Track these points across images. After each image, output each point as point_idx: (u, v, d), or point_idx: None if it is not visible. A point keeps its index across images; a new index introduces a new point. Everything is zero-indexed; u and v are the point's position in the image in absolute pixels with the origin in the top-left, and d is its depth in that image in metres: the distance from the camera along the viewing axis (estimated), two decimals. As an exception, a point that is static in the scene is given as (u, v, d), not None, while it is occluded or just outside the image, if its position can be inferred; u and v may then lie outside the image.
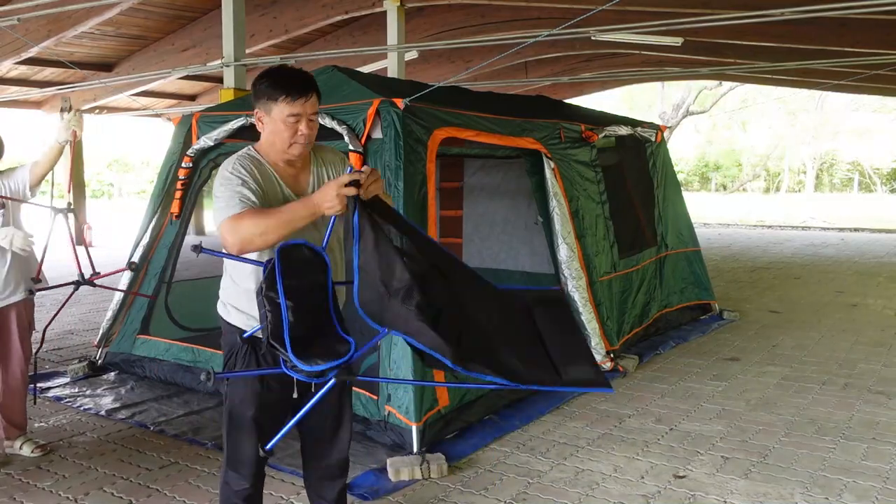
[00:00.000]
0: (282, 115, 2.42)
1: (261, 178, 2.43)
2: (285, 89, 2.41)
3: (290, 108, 2.41)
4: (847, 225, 20.87)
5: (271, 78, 2.45)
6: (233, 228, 2.30)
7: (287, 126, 2.43)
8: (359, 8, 9.74)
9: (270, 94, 2.42)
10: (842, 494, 3.50)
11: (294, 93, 2.41)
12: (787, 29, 9.12)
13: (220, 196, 2.39)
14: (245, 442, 2.53)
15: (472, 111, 4.89)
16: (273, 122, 2.44)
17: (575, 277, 5.40)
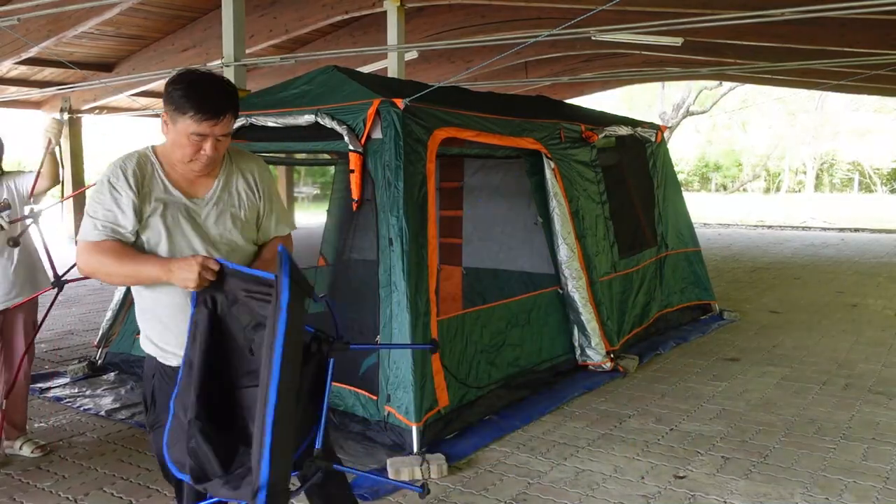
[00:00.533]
0: (186, 130, 2.17)
1: (143, 184, 2.24)
2: (195, 107, 2.14)
3: (196, 127, 2.16)
4: (847, 225, 20.86)
5: (184, 88, 2.17)
6: (84, 253, 2.20)
7: (190, 143, 2.19)
8: (359, 8, 9.73)
9: (179, 105, 2.16)
10: (842, 495, 3.50)
11: (204, 112, 2.15)
12: (787, 29, 9.11)
13: (89, 207, 2.22)
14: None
15: (472, 111, 4.89)
16: (176, 133, 2.20)
17: (575, 277, 5.40)
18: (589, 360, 5.48)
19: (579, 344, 5.49)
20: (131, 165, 2.25)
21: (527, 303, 5.18)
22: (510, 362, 4.83)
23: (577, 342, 5.49)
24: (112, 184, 2.22)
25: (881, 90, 14.62)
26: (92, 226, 2.19)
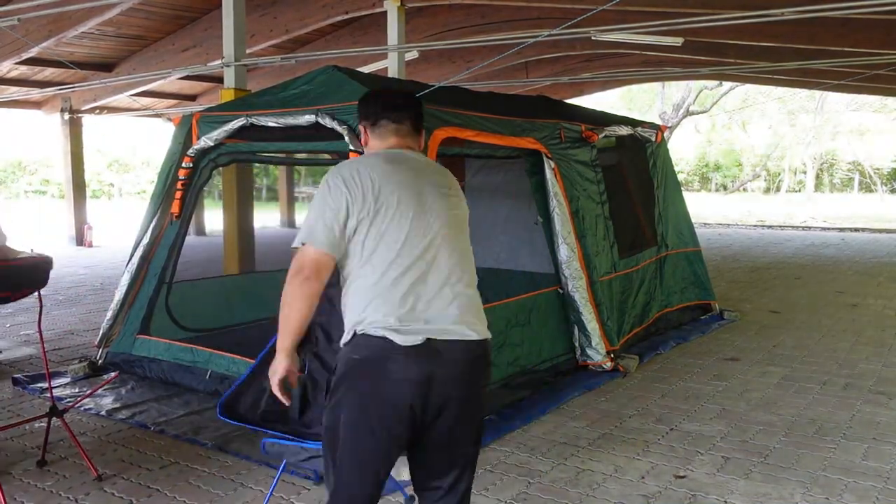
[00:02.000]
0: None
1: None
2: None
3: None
4: (847, 225, 20.88)
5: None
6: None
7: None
8: (359, 8, 9.74)
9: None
10: (842, 495, 3.50)
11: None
12: (787, 29, 9.12)
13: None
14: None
15: (473, 111, 4.89)
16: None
17: (575, 277, 5.40)
18: (589, 359, 5.48)
19: (579, 344, 5.49)
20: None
21: (527, 303, 5.18)
22: (510, 362, 4.83)
23: (577, 342, 5.50)
24: None
25: (881, 90, 14.63)
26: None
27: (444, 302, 2.20)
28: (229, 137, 4.95)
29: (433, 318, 2.17)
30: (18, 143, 33.56)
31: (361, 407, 2.15)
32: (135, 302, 5.42)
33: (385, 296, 2.14)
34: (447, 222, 2.28)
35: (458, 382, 2.19)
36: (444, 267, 2.23)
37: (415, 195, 2.24)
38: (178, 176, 5.25)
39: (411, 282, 2.16)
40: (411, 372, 2.11)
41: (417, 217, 2.21)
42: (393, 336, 2.10)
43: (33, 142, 32.75)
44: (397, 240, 2.17)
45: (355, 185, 2.18)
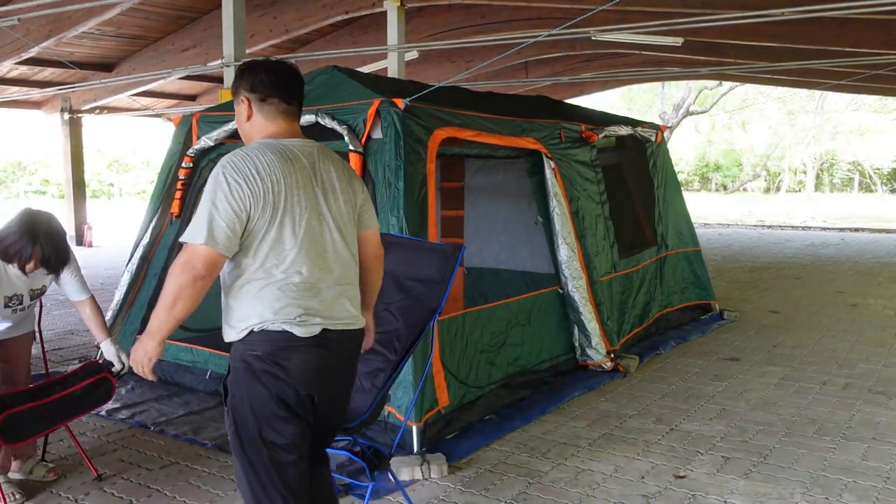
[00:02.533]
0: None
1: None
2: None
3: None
4: (847, 225, 20.88)
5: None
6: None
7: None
8: (359, 8, 9.74)
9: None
10: (842, 494, 3.50)
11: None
12: (787, 29, 9.12)
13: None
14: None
15: (473, 111, 4.89)
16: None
17: (575, 277, 5.40)
18: (589, 359, 5.48)
19: (579, 344, 5.49)
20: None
21: (527, 302, 5.18)
22: (510, 362, 4.83)
23: (577, 342, 5.50)
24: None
25: (881, 90, 14.62)
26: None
27: (335, 297, 2.31)
28: (229, 137, 4.96)
29: (327, 311, 2.28)
30: (18, 143, 33.57)
31: (269, 399, 2.22)
32: (135, 302, 5.42)
33: (284, 295, 2.21)
34: (340, 222, 2.35)
35: (345, 366, 2.39)
36: (336, 266, 2.32)
37: (311, 197, 2.27)
38: (178, 176, 5.25)
39: (308, 281, 2.24)
40: (311, 362, 2.24)
41: (313, 219, 2.27)
42: (293, 329, 2.21)
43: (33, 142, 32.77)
44: (294, 243, 2.22)
45: (257, 187, 2.16)
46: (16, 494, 3.45)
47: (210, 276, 2.16)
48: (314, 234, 2.27)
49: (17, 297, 3.41)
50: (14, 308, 3.43)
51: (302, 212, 2.24)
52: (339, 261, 2.33)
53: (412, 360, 3.90)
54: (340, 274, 2.34)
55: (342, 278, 2.35)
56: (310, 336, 2.23)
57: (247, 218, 2.16)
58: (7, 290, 3.35)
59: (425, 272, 3.25)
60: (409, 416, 3.86)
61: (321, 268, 2.28)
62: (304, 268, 2.23)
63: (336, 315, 2.30)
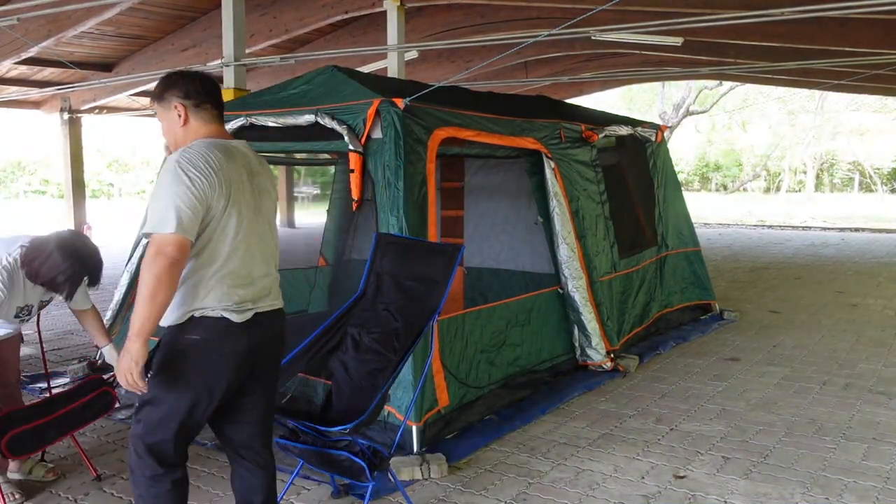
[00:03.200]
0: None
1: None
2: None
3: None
4: (847, 225, 20.88)
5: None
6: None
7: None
8: (359, 8, 9.73)
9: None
10: (842, 495, 3.50)
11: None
12: (787, 29, 9.11)
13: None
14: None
15: (472, 111, 4.89)
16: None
17: (575, 277, 5.39)
18: (589, 359, 5.48)
19: (579, 344, 5.49)
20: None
21: (527, 302, 5.17)
22: (510, 362, 4.83)
23: (577, 342, 5.49)
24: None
25: (881, 90, 14.61)
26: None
27: (264, 286, 2.53)
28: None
29: (258, 298, 2.50)
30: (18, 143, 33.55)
31: (199, 380, 2.43)
32: (134, 302, 5.40)
33: (224, 283, 2.40)
34: (270, 217, 2.61)
35: (270, 344, 2.59)
36: (263, 256, 2.54)
37: (248, 193, 2.47)
38: (177, 176, 5.24)
39: (245, 270, 2.45)
40: (242, 345, 2.45)
41: (250, 212, 2.47)
42: (231, 316, 2.41)
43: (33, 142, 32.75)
44: (236, 233, 2.41)
45: (213, 178, 2.34)
46: (15, 494, 3.45)
47: (183, 261, 2.30)
48: (253, 227, 2.48)
49: (28, 307, 3.42)
50: (23, 318, 3.43)
51: (244, 205, 2.44)
52: (270, 253, 2.58)
53: (412, 359, 3.90)
54: (270, 265, 2.58)
55: (271, 269, 2.59)
56: (244, 321, 2.44)
57: (206, 207, 2.32)
58: (20, 300, 3.35)
59: (425, 272, 3.26)
60: (409, 416, 3.86)
61: (256, 259, 2.50)
62: (244, 258, 2.44)
63: (263, 301, 2.53)
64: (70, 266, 3.22)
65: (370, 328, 3.33)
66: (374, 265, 3.45)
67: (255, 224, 2.49)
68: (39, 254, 3.22)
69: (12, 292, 3.27)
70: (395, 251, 3.45)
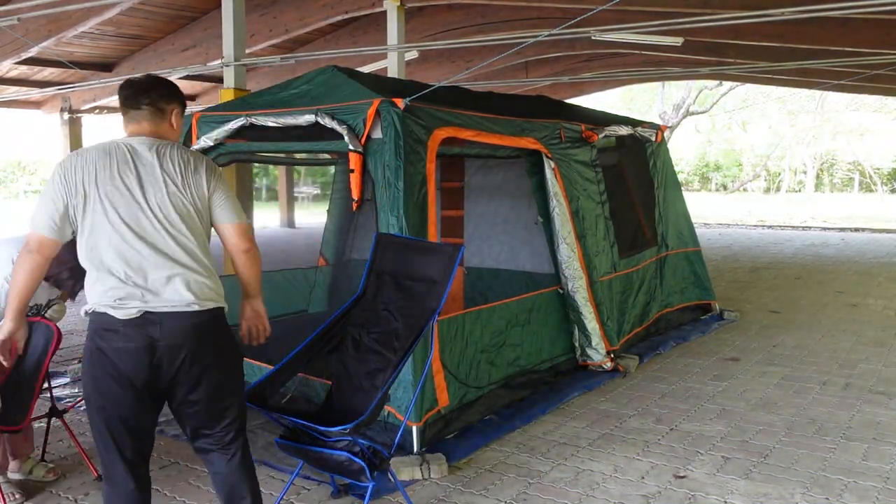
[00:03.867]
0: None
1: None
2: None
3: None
4: (847, 225, 20.88)
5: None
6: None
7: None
8: (359, 8, 9.74)
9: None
10: (842, 495, 3.50)
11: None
12: (787, 29, 9.12)
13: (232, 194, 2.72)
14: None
15: (473, 111, 4.89)
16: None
17: (575, 277, 5.39)
18: (589, 359, 5.48)
19: (579, 344, 5.49)
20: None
21: (527, 302, 5.18)
22: (510, 362, 4.83)
23: (577, 342, 5.49)
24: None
25: (881, 90, 14.62)
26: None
27: (164, 280, 2.48)
28: (229, 137, 4.95)
29: (152, 294, 2.46)
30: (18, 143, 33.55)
31: (95, 373, 2.49)
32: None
33: (106, 279, 2.46)
34: (164, 210, 2.52)
35: (185, 348, 2.50)
36: (165, 250, 2.49)
37: (127, 188, 2.49)
38: (177, 176, 5.24)
39: (129, 265, 2.46)
40: (131, 342, 2.43)
41: (132, 207, 2.48)
42: (112, 312, 2.44)
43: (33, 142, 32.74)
44: (112, 230, 2.46)
45: (71, 179, 2.48)
46: (15, 494, 3.45)
47: (39, 253, 2.50)
48: (136, 220, 2.48)
49: (36, 306, 3.42)
50: (31, 316, 3.43)
51: (117, 200, 2.47)
52: (168, 246, 2.50)
53: (412, 359, 3.90)
54: (172, 258, 2.50)
55: (175, 262, 2.50)
56: (128, 318, 2.43)
57: (63, 206, 2.47)
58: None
59: (425, 272, 3.26)
60: (409, 416, 3.86)
61: (145, 252, 2.47)
62: (125, 252, 2.46)
63: (165, 297, 2.47)
64: (77, 263, 3.21)
65: (370, 328, 3.33)
66: (374, 265, 3.45)
67: (139, 218, 2.48)
68: (63, 267, 3.23)
69: None
70: (395, 251, 3.45)
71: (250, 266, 2.77)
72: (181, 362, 2.49)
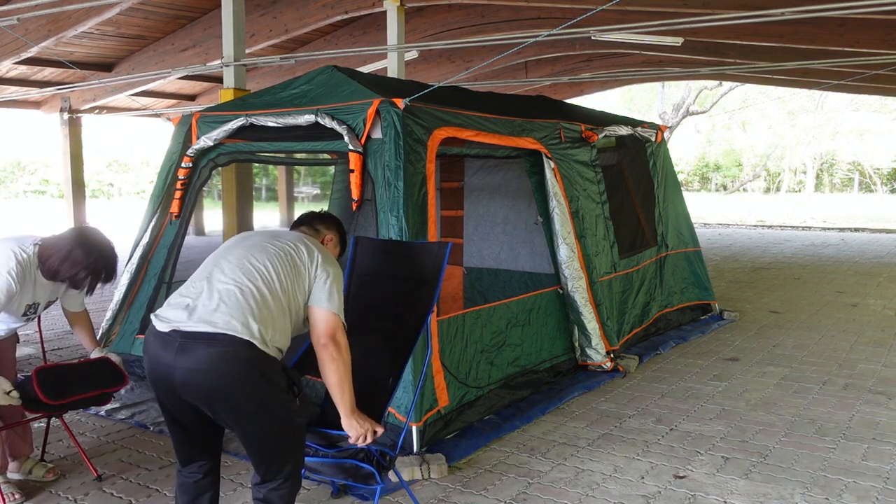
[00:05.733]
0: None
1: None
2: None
3: None
4: (847, 225, 20.88)
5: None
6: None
7: None
8: (359, 8, 9.73)
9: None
10: (842, 495, 3.50)
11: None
12: (787, 29, 9.11)
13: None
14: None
15: (472, 111, 4.89)
16: None
17: (575, 277, 5.39)
18: (589, 360, 5.48)
19: (579, 344, 5.49)
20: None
21: (527, 302, 5.18)
22: (510, 362, 4.83)
23: (577, 342, 5.49)
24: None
25: (881, 90, 14.62)
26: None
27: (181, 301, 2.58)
28: (229, 137, 4.95)
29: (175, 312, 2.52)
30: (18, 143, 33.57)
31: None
32: (134, 302, 5.41)
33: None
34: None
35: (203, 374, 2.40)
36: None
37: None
38: (177, 176, 5.25)
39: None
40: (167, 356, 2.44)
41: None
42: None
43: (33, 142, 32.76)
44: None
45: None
46: (15, 494, 3.45)
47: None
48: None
49: (35, 305, 3.41)
50: (29, 316, 3.43)
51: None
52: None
53: (412, 359, 3.90)
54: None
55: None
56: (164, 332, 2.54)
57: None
58: (30, 298, 3.33)
59: (413, 273, 3.22)
60: (410, 417, 3.86)
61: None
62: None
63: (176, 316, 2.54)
64: (93, 262, 3.25)
65: (361, 333, 3.28)
66: (355, 269, 3.39)
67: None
68: (58, 251, 3.22)
69: (24, 287, 3.26)
70: (378, 254, 3.39)
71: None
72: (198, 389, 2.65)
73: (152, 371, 2.49)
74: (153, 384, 2.51)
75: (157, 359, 2.44)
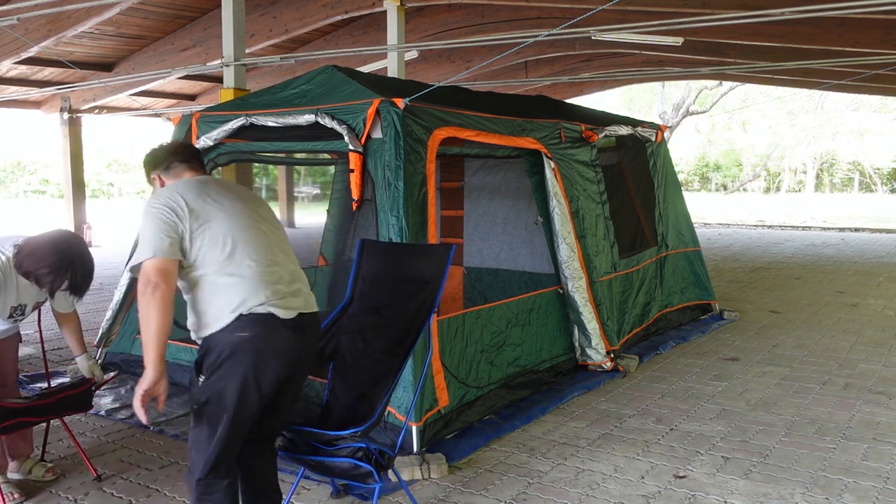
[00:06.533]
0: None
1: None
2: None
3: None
4: (847, 225, 20.88)
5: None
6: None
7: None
8: (359, 8, 9.73)
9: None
10: (842, 495, 3.50)
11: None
12: (787, 29, 9.12)
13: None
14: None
15: (472, 111, 4.89)
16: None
17: (575, 277, 5.39)
18: (589, 359, 5.48)
19: (579, 344, 5.49)
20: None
21: (527, 302, 5.18)
22: (510, 362, 4.83)
23: (577, 342, 5.49)
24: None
25: (881, 90, 14.62)
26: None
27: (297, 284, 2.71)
28: (229, 137, 4.95)
29: (294, 297, 2.65)
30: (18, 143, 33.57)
31: (250, 378, 2.51)
32: (134, 302, 5.41)
33: (262, 283, 2.56)
34: (269, 218, 2.82)
35: (312, 344, 2.78)
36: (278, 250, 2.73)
37: (232, 205, 2.68)
38: (177, 176, 5.24)
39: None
40: (294, 341, 2.59)
41: (242, 220, 2.66)
42: (277, 312, 2.54)
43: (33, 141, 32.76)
44: (227, 241, 2.56)
45: (176, 208, 2.57)
46: (15, 494, 3.45)
47: (164, 281, 2.42)
48: (251, 231, 2.71)
49: (21, 307, 3.40)
50: (16, 318, 3.42)
51: (228, 217, 2.63)
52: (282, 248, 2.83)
53: (412, 359, 3.90)
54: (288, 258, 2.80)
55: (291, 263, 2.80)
56: (289, 318, 2.62)
57: (178, 232, 2.51)
58: (13, 300, 3.33)
59: (416, 274, 3.24)
60: (410, 417, 3.86)
61: (274, 253, 2.73)
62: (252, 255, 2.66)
63: (303, 300, 2.73)
64: (57, 261, 3.15)
65: (365, 334, 3.30)
66: (360, 271, 3.42)
67: (251, 229, 2.65)
68: (29, 250, 3.20)
69: (6, 290, 3.25)
70: (383, 256, 3.42)
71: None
72: (306, 359, 2.76)
73: (278, 358, 2.54)
74: (268, 370, 2.52)
75: (286, 343, 2.56)
